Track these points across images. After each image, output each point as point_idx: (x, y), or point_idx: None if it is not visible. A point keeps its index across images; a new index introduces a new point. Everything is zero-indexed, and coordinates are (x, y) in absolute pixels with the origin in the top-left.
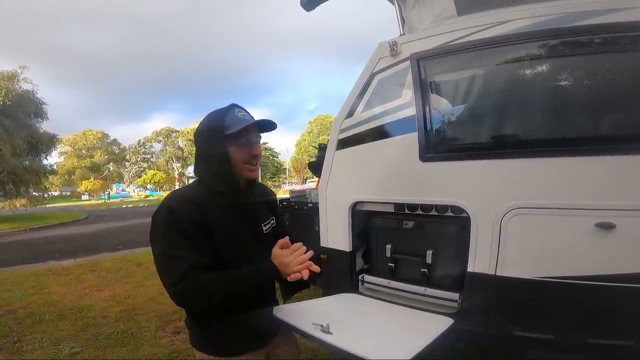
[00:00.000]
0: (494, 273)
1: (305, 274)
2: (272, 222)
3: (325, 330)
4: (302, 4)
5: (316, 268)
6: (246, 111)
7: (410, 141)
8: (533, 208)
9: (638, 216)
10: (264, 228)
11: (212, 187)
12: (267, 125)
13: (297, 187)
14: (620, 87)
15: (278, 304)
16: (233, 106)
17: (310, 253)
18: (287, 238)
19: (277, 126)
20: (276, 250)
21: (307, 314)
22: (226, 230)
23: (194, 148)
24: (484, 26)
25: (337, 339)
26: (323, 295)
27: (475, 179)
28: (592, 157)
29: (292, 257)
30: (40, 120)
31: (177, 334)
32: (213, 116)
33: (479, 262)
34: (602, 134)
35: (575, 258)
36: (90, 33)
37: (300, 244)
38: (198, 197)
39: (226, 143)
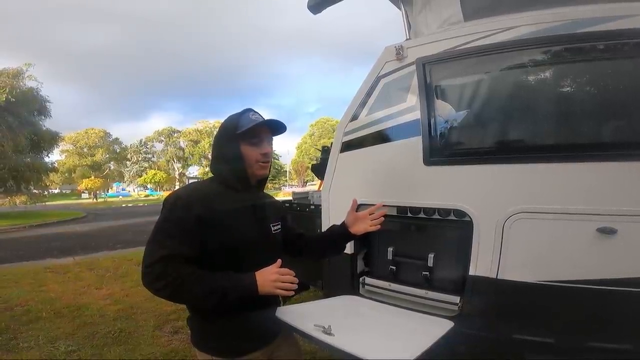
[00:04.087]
0: (495, 276)
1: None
2: (278, 224)
3: (327, 332)
4: (309, 7)
5: (288, 293)
6: (260, 115)
7: (414, 145)
8: (535, 212)
9: (639, 221)
10: (273, 228)
11: (225, 182)
12: (278, 127)
13: (298, 190)
14: (624, 94)
15: (280, 305)
16: (248, 110)
17: (294, 281)
18: (279, 261)
19: (287, 128)
20: (268, 267)
21: (308, 316)
22: (234, 222)
23: (195, 148)
24: (490, 32)
25: (339, 341)
26: (324, 297)
27: (478, 184)
28: (594, 163)
29: (276, 277)
30: (43, 117)
31: (175, 333)
32: (229, 118)
33: (480, 266)
34: (605, 140)
35: (576, 262)
36: (95, 31)
37: (288, 270)
38: (208, 190)
39: (239, 141)
